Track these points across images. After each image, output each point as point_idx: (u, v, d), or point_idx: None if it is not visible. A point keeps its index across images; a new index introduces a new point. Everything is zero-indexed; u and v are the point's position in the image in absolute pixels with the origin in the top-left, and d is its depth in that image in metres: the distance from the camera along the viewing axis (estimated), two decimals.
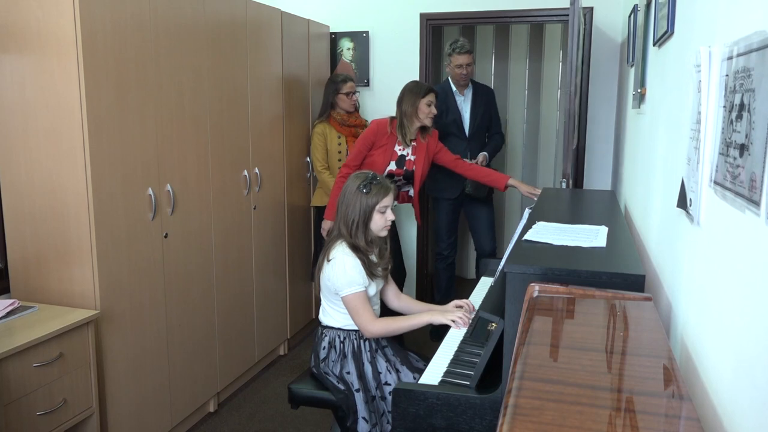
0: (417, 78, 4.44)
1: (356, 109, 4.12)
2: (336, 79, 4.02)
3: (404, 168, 3.56)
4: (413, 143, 3.56)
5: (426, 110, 3.47)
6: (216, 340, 3.24)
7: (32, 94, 2.35)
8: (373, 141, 3.49)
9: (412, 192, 3.69)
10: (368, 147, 3.51)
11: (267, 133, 3.64)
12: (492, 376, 1.86)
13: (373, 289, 2.46)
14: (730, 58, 1.17)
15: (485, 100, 4.12)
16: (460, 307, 2.52)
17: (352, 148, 4.01)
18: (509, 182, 3.59)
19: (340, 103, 3.97)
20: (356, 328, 2.44)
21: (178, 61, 2.81)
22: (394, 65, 4.50)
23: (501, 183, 3.61)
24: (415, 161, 3.58)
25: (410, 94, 3.50)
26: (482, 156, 4.02)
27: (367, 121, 4.25)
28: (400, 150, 3.55)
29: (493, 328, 2.12)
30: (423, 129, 3.56)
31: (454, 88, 4.06)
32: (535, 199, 3.04)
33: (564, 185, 3.64)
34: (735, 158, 1.08)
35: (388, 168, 3.53)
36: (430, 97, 3.48)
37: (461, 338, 2.31)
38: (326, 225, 3.64)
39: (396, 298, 2.68)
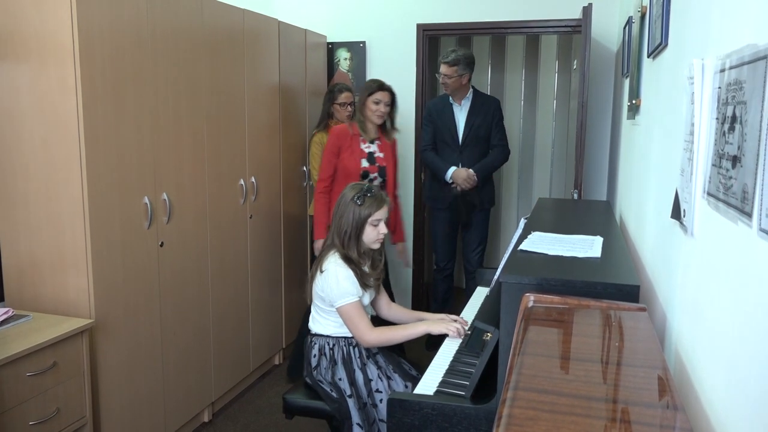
0: (413, 88, 4.47)
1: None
2: (333, 89, 4.04)
3: (376, 164, 3.57)
4: (378, 142, 3.58)
5: (373, 107, 3.48)
6: (211, 349, 3.23)
7: (28, 102, 2.35)
8: (339, 145, 3.49)
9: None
10: (336, 154, 3.49)
11: (263, 142, 3.65)
12: (487, 386, 1.86)
13: (366, 299, 2.47)
14: (722, 70, 1.18)
15: (485, 110, 4.01)
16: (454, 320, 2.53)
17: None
18: (398, 243, 3.81)
19: (336, 113, 3.99)
20: (345, 335, 2.44)
21: (175, 70, 2.82)
22: (391, 75, 4.49)
23: (397, 237, 3.80)
24: (385, 158, 3.60)
25: (363, 89, 3.55)
26: (466, 172, 3.95)
27: None
28: (366, 147, 3.55)
29: (488, 338, 2.12)
30: (383, 127, 3.58)
31: (451, 98, 4.06)
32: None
33: (576, 196, 3.64)
34: (728, 170, 1.09)
35: (362, 166, 3.53)
36: (378, 95, 3.47)
37: (457, 348, 2.31)
38: (318, 245, 3.49)
39: (387, 308, 2.68)
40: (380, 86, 3.50)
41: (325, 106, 4.03)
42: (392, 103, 3.55)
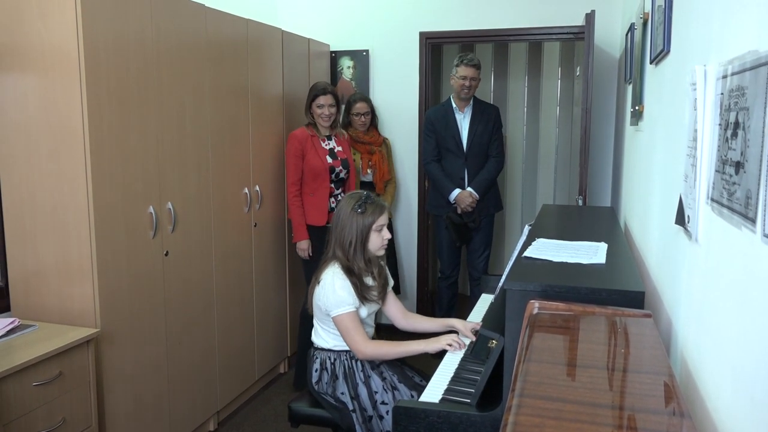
0: (417, 96, 4.48)
1: (372, 126, 4.22)
2: (349, 100, 4.15)
3: (338, 158, 3.70)
4: (333, 137, 3.72)
5: (317, 111, 3.61)
6: (216, 358, 3.23)
7: (34, 112, 2.37)
8: (302, 149, 3.58)
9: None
10: (300, 157, 3.59)
11: (268, 150, 3.66)
12: (493, 393, 1.85)
13: (364, 312, 2.44)
14: (724, 76, 1.18)
15: (486, 118, 4.04)
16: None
17: (365, 164, 4.09)
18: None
19: (352, 122, 4.10)
20: (347, 348, 2.42)
21: (179, 80, 2.84)
22: (394, 83, 4.54)
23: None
24: (344, 151, 3.75)
25: (308, 93, 3.67)
26: (469, 196, 3.98)
27: (386, 138, 4.33)
28: (326, 145, 3.68)
29: (493, 345, 2.12)
30: (333, 125, 3.70)
31: (454, 105, 4.06)
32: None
33: (580, 202, 3.65)
34: (731, 175, 1.09)
35: (328, 162, 3.64)
36: (320, 100, 3.59)
37: (462, 356, 2.30)
38: (303, 245, 3.62)
39: (403, 317, 2.62)
40: (323, 90, 3.60)
41: (343, 116, 4.13)
42: (337, 103, 3.68)
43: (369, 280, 2.47)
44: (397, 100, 4.53)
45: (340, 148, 3.74)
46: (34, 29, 2.31)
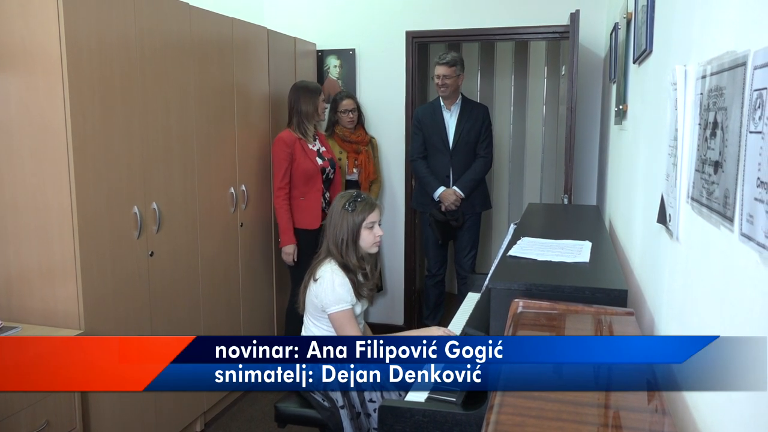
0: (403, 95, 4.47)
1: (359, 125, 4.24)
2: (335, 97, 4.19)
3: (326, 159, 3.76)
4: (317, 138, 3.82)
5: (323, 106, 3.78)
6: None
7: (16, 112, 2.34)
8: (290, 152, 3.59)
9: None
10: (289, 160, 3.59)
11: (254, 150, 3.65)
12: (479, 392, 1.86)
13: (358, 309, 2.46)
14: (704, 77, 1.19)
15: (474, 117, 4.05)
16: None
17: (351, 163, 4.12)
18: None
19: (339, 120, 4.13)
20: None
21: (164, 79, 2.82)
22: (381, 82, 4.53)
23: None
24: (328, 151, 3.84)
25: (308, 94, 3.69)
26: (453, 194, 4.00)
27: (372, 137, 4.34)
28: (313, 146, 3.72)
29: None
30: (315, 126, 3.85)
31: (442, 103, 4.08)
32: None
33: (566, 200, 3.67)
34: (710, 175, 1.10)
35: (320, 165, 3.69)
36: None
37: None
38: (289, 249, 3.61)
39: None
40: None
41: (329, 115, 4.15)
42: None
43: (361, 277, 2.49)
44: (383, 99, 4.53)
45: (324, 148, 3.78)
46: (16, 28, 2.29)
